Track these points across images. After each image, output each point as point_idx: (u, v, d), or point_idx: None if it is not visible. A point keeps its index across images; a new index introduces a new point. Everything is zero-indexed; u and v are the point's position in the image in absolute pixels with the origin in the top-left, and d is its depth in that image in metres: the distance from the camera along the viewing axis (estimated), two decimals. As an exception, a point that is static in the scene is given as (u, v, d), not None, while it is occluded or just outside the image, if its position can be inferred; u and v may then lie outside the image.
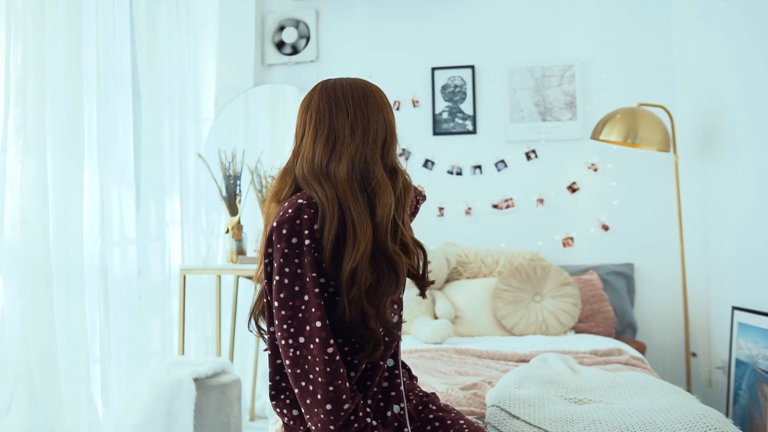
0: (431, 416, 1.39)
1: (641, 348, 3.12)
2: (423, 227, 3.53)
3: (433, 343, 2.78)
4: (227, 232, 3.16)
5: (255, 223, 3.36)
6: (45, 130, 2.35)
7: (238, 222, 3.16)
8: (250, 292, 3.55)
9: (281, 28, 3.76)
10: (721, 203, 2.97)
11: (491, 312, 3.05)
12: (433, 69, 3.63)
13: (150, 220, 2.97)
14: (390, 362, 1.36)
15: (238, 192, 3.21)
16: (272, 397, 1.32)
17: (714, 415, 1.46)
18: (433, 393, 1.48)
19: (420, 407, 1.43)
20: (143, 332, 2.89)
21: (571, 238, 3.48)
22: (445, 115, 3.62)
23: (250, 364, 3.47)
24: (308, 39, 3.74)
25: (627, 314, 3.27)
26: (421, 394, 1.46)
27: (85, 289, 2.54)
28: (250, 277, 3.42)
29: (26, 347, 2.26)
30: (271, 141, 3.74)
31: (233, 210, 3.19)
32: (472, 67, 3.59)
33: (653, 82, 3.40)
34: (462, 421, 1.36)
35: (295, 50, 3.75)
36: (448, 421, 1.36)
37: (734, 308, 2.75)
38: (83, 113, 2.58)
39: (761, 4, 2.55)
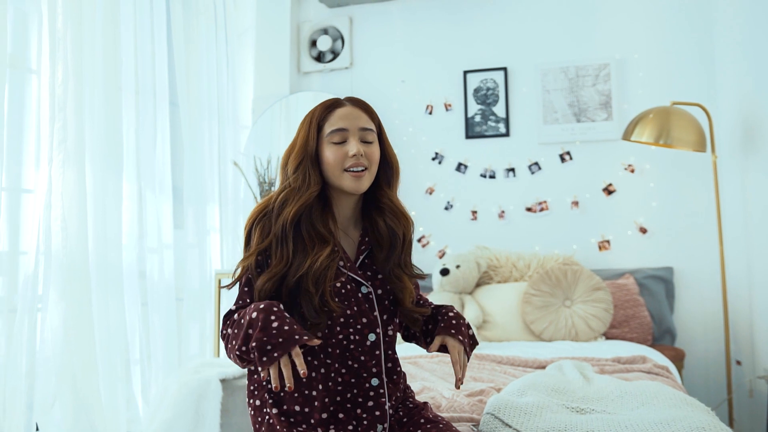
0: (419, 430, 1.40)
1: (680, 355, 3.03)
2: (456, 231, 3.55)
3: (458, 348, 2.78)
4: (261, 236, 3.25)
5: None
6: (84, 143, 2.50)
7: (272, 227, 3.25)
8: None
9: (316, 37, 3.84)
10: (762, 205, 2.85)
11: (520, 317, 3.03)
12: (465, 72, 3.63)
13: (189, 226, 3.10)
14: (375, 381, 1.39)
15: (272, 198, 3.30)
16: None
17: (716, 429, 1.42)
18: (425, 403, 1.50)
19: (405, 419, 1.44)
20: (182, 335, 3.02)
21: (608, 242, 3.41)
22: (477, 119, 3.61)
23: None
24: (342, 46, 3.80)
25: (665, 320, 3.18)
26: (411, 405, 1.48)
27: (124, 293, 2.68)
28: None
29: (68, 348, 2.40)
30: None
31: (267, 215, 3.28)
32: (505, 69, 3.57)
33: (692, 79, 3.30)
34: (448, 432, 1.37)
35: (330, 57, 3.82)
36: None
37: (774, 315, 2.63)
38: (122, 124, 2.73)
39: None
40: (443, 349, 1.48)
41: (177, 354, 2.93)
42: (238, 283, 1.41)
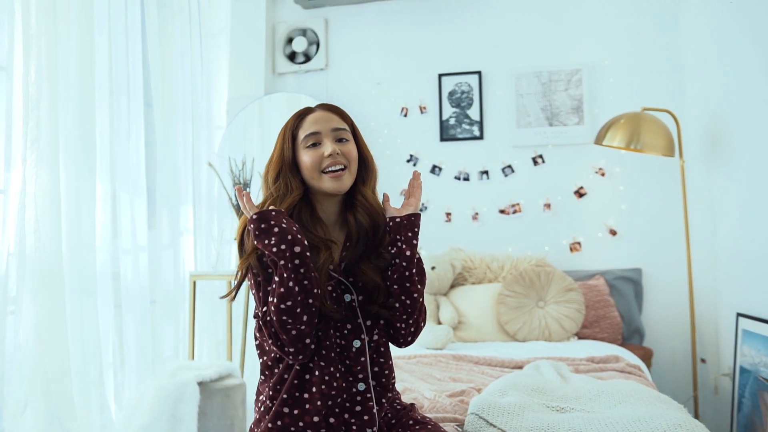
0: (408, 431, 1.42)
1: (648, 354, 3.12)
2: (430, 232, 3.58)
3: (434, 349, 2.82)
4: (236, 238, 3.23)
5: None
6: (58, 142, 2.46)
7: (248, 228, 3.24)
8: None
9: (291, 38, 3.83)
10: (727, 208, 2.95)
11: (495, 318, 3.08)
12: (440, 75, 3.66)
13: (163, 227, 3.07)
14: (361, 386, 1.41)
15: (248, 199, 3.29)
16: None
17: (690, 424, 1.48)
18: (412, 404, 1.52)
19: (393, 421, 1.46)
20: (156, 337, 2.99)
21: (579, 243, 3.48)
22: (452, 121, 3.65)
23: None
24: (318, 47, 3.80)
25: (634, 320, 3.27)
26: (398, 407, 1.50)
27: (97, 295, 2.64)
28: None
29: (41, 351, 2.36)
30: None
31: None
32: (479, 73, 3.62)
33: (661, 85, 3.39)
34: (436, 434, 1.40)
35: (305, 59, 3.82)
36: None
37: (739, 315, 2.73)
38: (95, 125, 2.68)
39: (766, 6, 2.53)
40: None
41: (151, 357, 2.90)
42: (253, 291, 1.42)
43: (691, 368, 3.17)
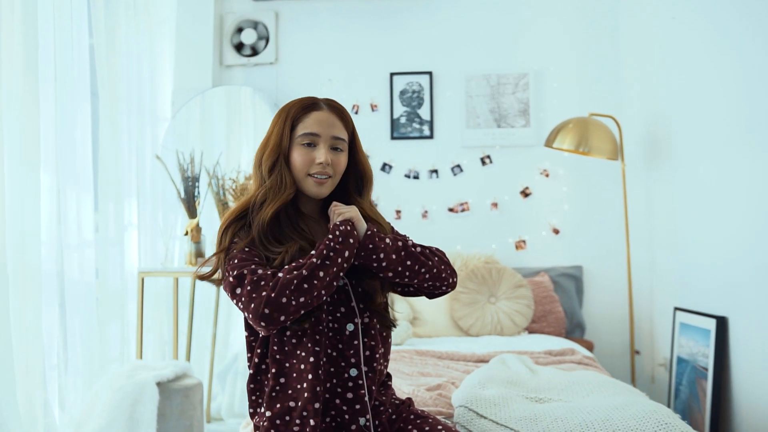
0: (409, 426, 1.43)
1: (589, 347, 3.27)
2: (381, 230, 3.60)
3: (393, 344, 2.85)
4: (186, 234, 3.14)
5: (213, 226, 3.35)
6: (2, 133, 2.30)
7: (197, 224, 3.15)
8: (208, 294, 3.54)
9: (240, 29, 3.75)
10: (664, 209, 3.14)
11: (448, 313, 3.15)
12: (392, 74, 3.70)
13: (110, 222, 2.93)
14: (353, 372, 1.40)
15: (196, 194, 3.20)
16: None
17: (663, 410, 1.58)
18: (408, 398, 1.53)
19: (394, 416, 1.46)
20: (102, 336, 2.85)
21: (524, 241, 3.61)
22: (402, 120, 3.69)
23: (206, 366, 3.46)
24: (267, 41, 3.74)
25: (576, 315, 3.42)
26: (397, 402, 1.50)
27: (42, 293, 2.49)
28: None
29: (-19, 352, 2.21)
30: (227, 143, 3.72)
31: (192, 212, 3.18)
32: (430, 73, 3.68)
33: (603, 92, 3.57)
34: (440, 427, 1.41)
35: (253, 52, 3.75)
36: (426, 428, 1.41)
37: (676, 309, 2.92)
38: (39, 115, 2.53)
39: (702, 21, 2.71)
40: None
41: (98, 358, 2.76)
42: (233, 260, 1.37)
43: (629, 360, 3.36)
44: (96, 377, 2.72)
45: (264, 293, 1.28)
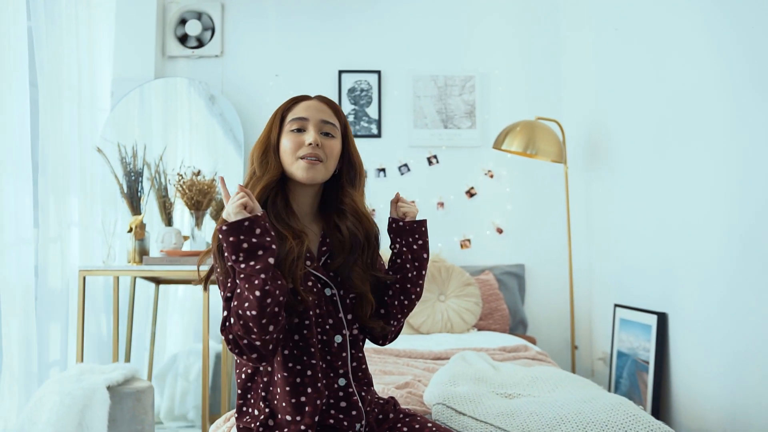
0: (399, 425, 1.44)
1: (532, 342, 3.39)
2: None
3: (348, 343, 2.84)
4: (130, 230, 3.01)
5: (156, 223, 3.24)
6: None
7: (141, 221, 3.03)
8: (146, 293, 3.41)
9: (185, 19, 3.63)
10: (604, 210, 3.30)
11: (399, 311, 3.17)
12: (341, 72, 3.69)
13: (50, 218, 2.78)
14: (342, 381, 1.40)
15: (140, 189, 3.07)
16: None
17: (627, 402, 1.66)
18: (392, 397, 1.54)
19: (381, 416, 1.47)
20: (40, 339, 2.70)
21: (469, 240, 3.69)
22: (351, 118, 3.69)
23: (145, 367, 3.34)
24: (213, 33, 3.65)
25: (519, 312, 3.54)
26: (381, 401, 1.51)
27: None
28: (154, 279, 3.29)
29: None
30: (165, 137, 3.59)
31: (136, 208, 3.05)
32: (379, 72, 3.70)
33: (546, 96, 3.70)
34: (430, 424, 1.43)
35: (198, 44, 3.64)
36: (416, 426, 1.42)
37: (616, 305, 3.07)
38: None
39: (641, 33, 2.87)
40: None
41: (36, 361, 2.61)
42: (221, 292, 1.35)
43: (569, 354, 3.50)
44: (34, 382, 2.57)
45: (245, 355, 1.29)
